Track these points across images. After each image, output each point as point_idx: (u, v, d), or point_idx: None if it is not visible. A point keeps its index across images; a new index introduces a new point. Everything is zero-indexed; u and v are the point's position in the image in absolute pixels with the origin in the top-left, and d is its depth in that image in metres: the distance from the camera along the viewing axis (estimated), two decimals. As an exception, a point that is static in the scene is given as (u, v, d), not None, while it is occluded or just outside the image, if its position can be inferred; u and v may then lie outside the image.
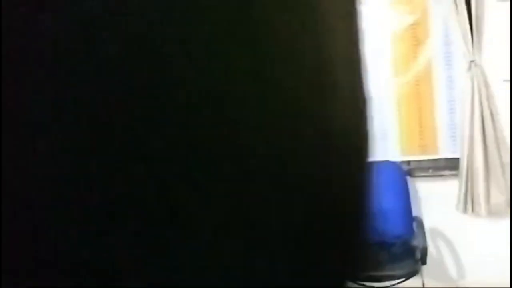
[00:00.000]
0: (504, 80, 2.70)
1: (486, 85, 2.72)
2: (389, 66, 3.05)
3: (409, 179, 2.94)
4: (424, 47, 2.94)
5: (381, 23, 3.02)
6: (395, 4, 2.98)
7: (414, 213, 2.89)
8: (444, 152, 3.00)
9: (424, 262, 2.46)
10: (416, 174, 3.16)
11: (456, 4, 2.67)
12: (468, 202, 2.80)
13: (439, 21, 2.89)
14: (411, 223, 2.77)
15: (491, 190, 2.77)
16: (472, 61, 2.72)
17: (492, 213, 2.76)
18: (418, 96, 3.00)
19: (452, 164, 3.04)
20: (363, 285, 2.27)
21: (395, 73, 3.03)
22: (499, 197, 2.73)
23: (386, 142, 3.14)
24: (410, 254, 2.56)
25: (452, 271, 2.95)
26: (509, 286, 2.27)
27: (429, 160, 3.06)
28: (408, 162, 3.14)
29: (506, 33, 2.66)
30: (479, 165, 2.74)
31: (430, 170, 3.13)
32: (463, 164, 2.79)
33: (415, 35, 2.95)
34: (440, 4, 2.86)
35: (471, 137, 2.74)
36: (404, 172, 3.06)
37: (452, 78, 2.91)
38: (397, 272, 2.46)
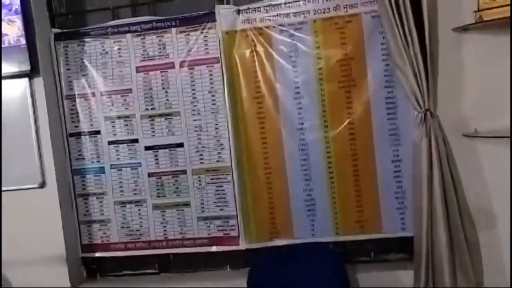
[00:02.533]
0: (466, 135, 2.02)
1: (446, 142, 2.02)
2: (316, 115, 2.23)
3: (345, 267, 2.10)
4: (359, 90, 2.19)
5: (303, 58, 2.22)
6: (321, 34, 2.20)
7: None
8: (391, 229, 2.23)
9: None
10: (355, 259, 2.34)
11: (401, 32, 1.95)
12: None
13: (376, 54, 2.16)
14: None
15: (458, 278, 2.04)
16: (427, 110, 2.00)
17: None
18: (353, 154, 2.22)
19: (400, 246, 2.28)
20: None
21: (323, 125, 2.23)
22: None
23: (314, 217, 2.28)
24: None
25: None
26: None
27: (370, 240, 2.27)
28: (344, 244, 2.32)
29: (466, 73, 2.02)
30: (442, 246, 1.99)
31: (373, 254, 2.34)
32: (421, 246, 2.03)
33: (347, 74, 2.19)
34: (376, 34, 2.15)
35: (429, 210, 2.00)
36: (338, 257, 2.22)
37: (398, 132, 2.18)
38: None
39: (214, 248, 2.37)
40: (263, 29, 2.25)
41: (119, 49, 2.37)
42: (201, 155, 2.35)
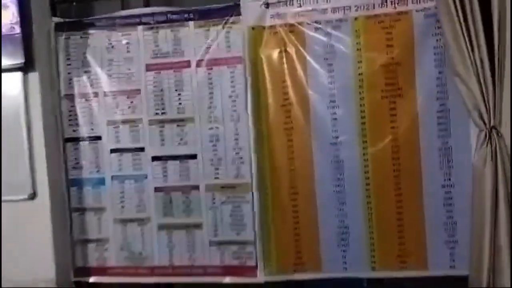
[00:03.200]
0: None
1: (513, 166, 1.67)
2: (353, 128, 1.90)
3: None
4: (405, 100, 1.86)
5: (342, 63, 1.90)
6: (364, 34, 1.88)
7: None
8: (438, 267, 1.88)
9: None
10: (393, 300, 1.99)
11: (466, 34, 1.62)
12: None
13: (428, 60, 1.84)
14: None
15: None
16: (492, 128, 1.66)
17: None
18: (396, 176, 1.88)
19: (448, 287, 1.93)
20: None
21: (361, 140, 1.89)
22: None
23: (347, 248, 1.94)
24: None
25: None
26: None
27: (412, 278, 1.91)
28: (381, 282, 1.97)
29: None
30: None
31: (415, 295, 1.99)
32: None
33: (392, 82, 1.86)
34: (428, 36, 1.82)
35: (493, 250, 1.65)
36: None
37: (450, 152, 1.85)
38: None
39: (227, 279, 2.02)
40: (295, 26, 1.93)
41: (127, 43, 2.06)
42: (217, 169, 2.02)
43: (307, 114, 1.94)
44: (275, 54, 1.95)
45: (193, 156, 2.03)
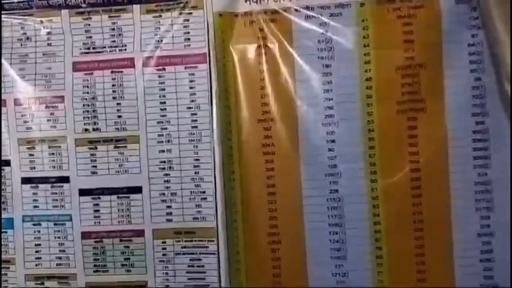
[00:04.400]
0: None
1: None
2: (358, 153, 1.37)
3: None
4: (430, 116, 1.34)
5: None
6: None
7: None
8: None
9: None
10: None
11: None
12: None
13: (461, 61, 1.33)
14: None
15: None
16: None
17: None
18: (418, 221, 1.35)
19: None
20: None
21: (369, 170, 1.36)
22: None
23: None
24: None
25: None
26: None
27: None
28: None
29: None
30: None
31: None
32: None
33: (412, 90, 1.35)
34: (461, 29, 1.33)
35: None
36: None
37: (491, 189, 1.33)
38: None
39: None
40: (279, 13, 1.40)
41: (48, 33, 1.48)
42: (169, 207, 1.45)
43: (294, 132, 1.39)
44: (251, 50, 1.41)
45: (137, 189, 1.46)
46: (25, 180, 1.50)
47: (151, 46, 1.45)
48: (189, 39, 1.44)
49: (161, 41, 1.44)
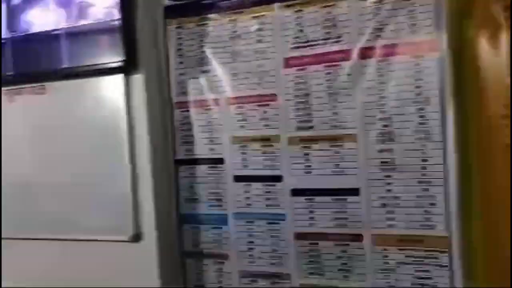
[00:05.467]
0: None
1: None
2: None
3: None
4: None
5: None
6: None
7: None
8: None
9: None
10: None
11: None
12: None
13: None
14: None
15: None
16: None
17: None
18: None
19: None
20: None
21: None
22: None
23: None
24: None
25: None
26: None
27: None
28: None
29: None
30: None
31: None
32: None
33: None
34: None
35: None
36: None
37: None
38: None
39: None
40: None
41: (259, 30, 1.44)
42: (391, 212, 1.32)
43: (551, 130, 1.15)
44: (493, 35, 1.19)
45: (354, 191, 1.35)
46: (238, 178, 1.50)
47: (370, 36, 1.31)
48: (414, 24, 1.27)
49: (381, 28, 1.29)
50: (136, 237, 1.49)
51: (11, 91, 1.59)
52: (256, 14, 1.43)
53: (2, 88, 1.59)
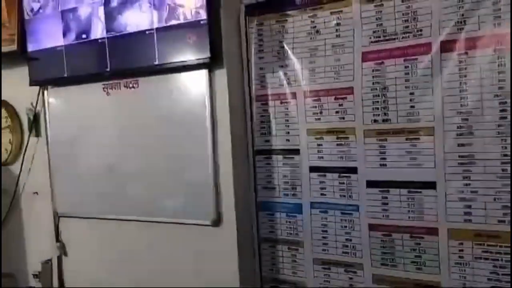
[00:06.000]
0: None
1: None
2: None
3: None
4: None
5: None
6: None
7: None
8: None
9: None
10: None
11: None
12: None
13: None
14: None
15: None
16: None
17: None
18: None
19: None
20: None
21: None
22: None
23: None
24: None
25: None
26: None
27: None
28: None
29: None
30: None
31: None
32: None
33: None
34: None
35: None
36: None
37: None
38: None
39: None
40: None
41: (337, 24, 1.47)
42: (469, 207, 1.31)
43: None
44: None
45: (430, 185, 1.35)
46: (313, 169, 1.55)
47: (452, 29, 1.29)
48: (499, 16, 1.24)
49: (464, 21, 1.28)
50: (217, 222, 1.59)
51: (108, 85, 1.76)
52: (335, 10, 1.47)
53: (101, 83, 1.76)
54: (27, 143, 1.99)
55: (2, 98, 2.02)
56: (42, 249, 2.01)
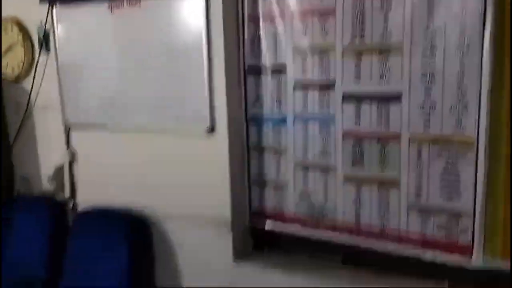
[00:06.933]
0: None
1: None
2: None
3: None
4: None
5: None
6: None
7: None
8: None
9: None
10: None
11: None
12: None
13: None
14: None
15: None
16: None
17: None
18: None
19: None
20: None
21: None
22: None
23: None
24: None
25: None
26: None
27: None
28: None
29: None
30: None
31: None
32: None
33: None
34: None
35: None
36: None
37: None
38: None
39: (428, 255, 1.57)
40: None
41: (323, -50, 1.59)
42: (428, 116, 1.51)
43: None
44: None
45: (397, 98, 1.54)
46: (297, 84, 1.73)
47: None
48: None
49: None
50: (211, 129, 1.80)
51: (113, 3, 1.89)
52: None
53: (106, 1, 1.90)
54: (38, 59, 2.14)
55: (14, 15, 2.16)
56: (53, 158, 2.23)
